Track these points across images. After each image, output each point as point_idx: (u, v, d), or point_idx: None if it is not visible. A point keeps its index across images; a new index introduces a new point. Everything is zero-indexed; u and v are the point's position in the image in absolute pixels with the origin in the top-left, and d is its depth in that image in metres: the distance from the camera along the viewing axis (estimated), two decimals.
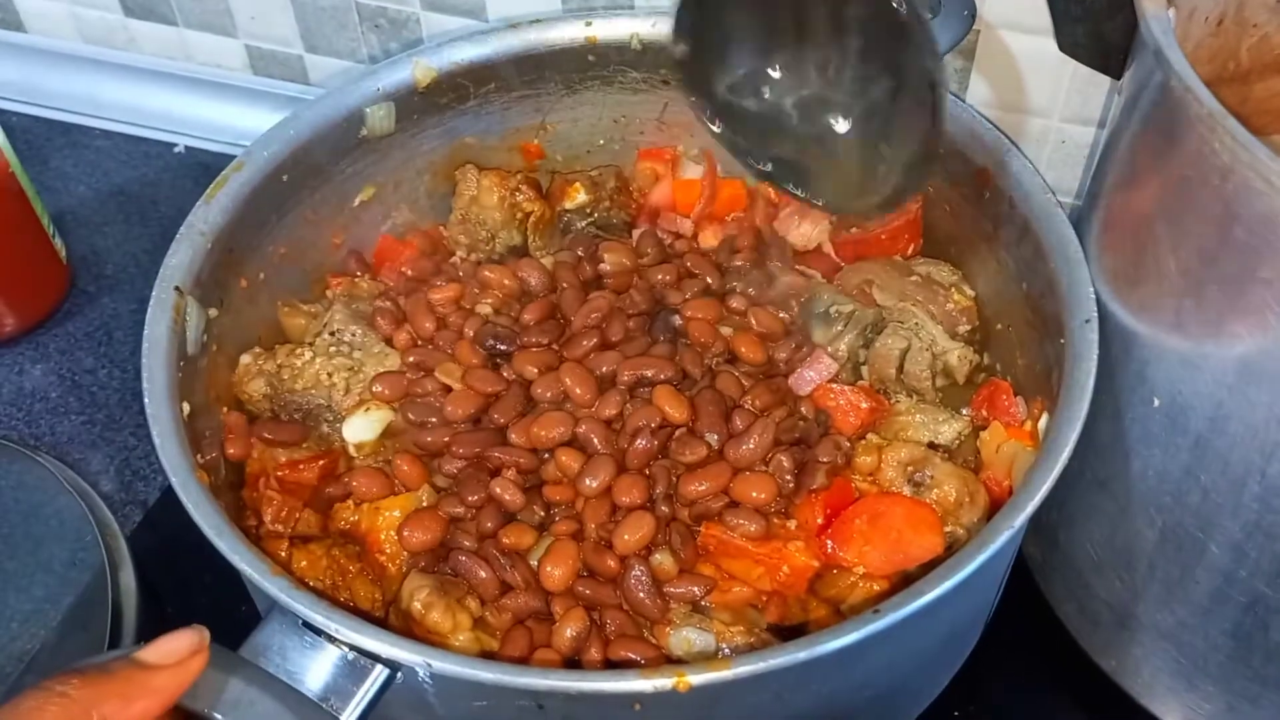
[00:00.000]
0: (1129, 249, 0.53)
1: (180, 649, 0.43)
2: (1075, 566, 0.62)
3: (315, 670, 0.47)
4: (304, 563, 0.56)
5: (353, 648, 0.47)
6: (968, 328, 0.64)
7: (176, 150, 0.94)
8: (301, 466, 0.60)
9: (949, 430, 0.60)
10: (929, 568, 0.50)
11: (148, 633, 0.66)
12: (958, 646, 0.61)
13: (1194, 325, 0.49)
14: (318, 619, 0.47)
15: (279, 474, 0.60)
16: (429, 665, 0.46)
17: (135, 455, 0.77)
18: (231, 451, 0.61)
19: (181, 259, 0.60)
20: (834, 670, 0.49)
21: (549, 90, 0.71)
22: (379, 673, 0.47)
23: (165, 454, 0.53)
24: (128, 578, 0.67)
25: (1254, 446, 0.49)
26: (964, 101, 0.64)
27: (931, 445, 0.60)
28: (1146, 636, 0.59)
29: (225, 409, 0.62)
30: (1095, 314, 0.53)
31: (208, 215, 0.62)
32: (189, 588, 0.69)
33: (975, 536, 0.49)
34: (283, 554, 0.57)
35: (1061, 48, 0.61)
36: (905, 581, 0.54)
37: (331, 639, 0.47)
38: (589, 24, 0.68)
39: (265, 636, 0.48)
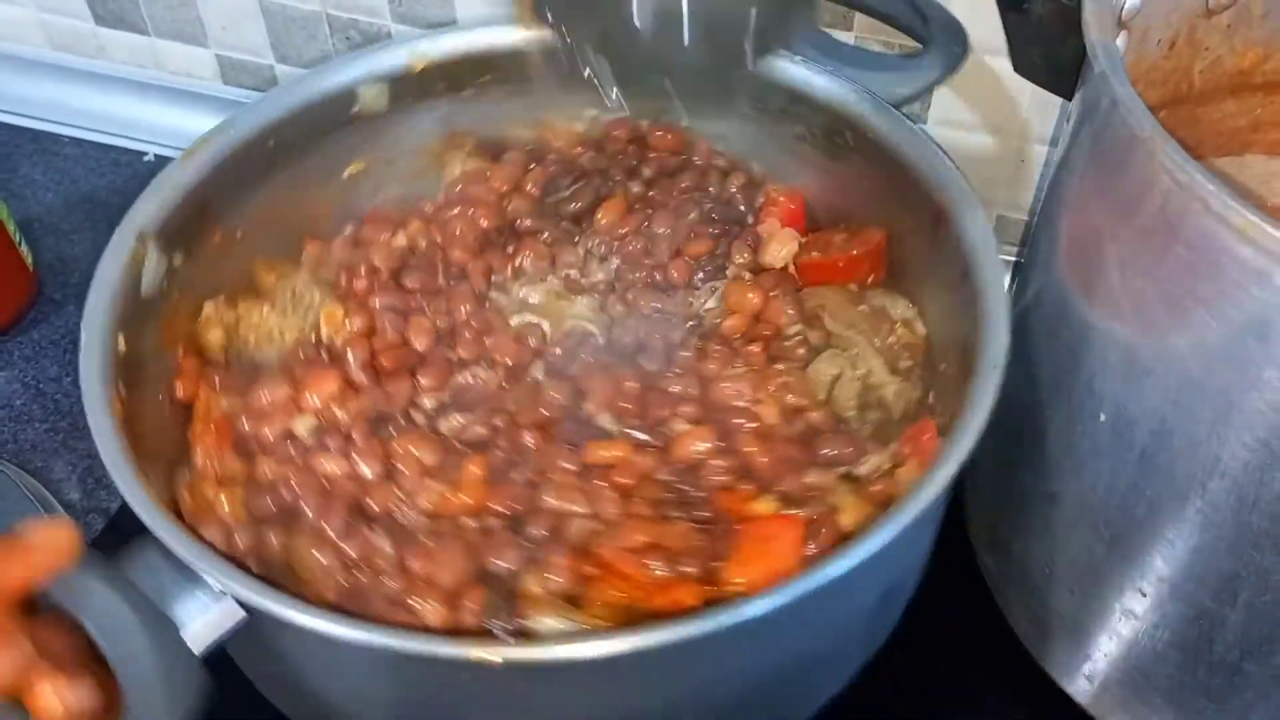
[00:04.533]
0: (1078, 266, 0.54)
1: (58, 536, 0.46)
2: (1027, 577, 0.63)
3: (181, 599, 0.49)
4: (226, 504, 0.57)
5: (211, 583, 0.49)
6: (909, 364, 0.63)
7: (146, 159, 0.94)
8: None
9: (867, 463, 0.59)
10: None
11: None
12: (809, 671, 0.59)
13: (1138, 341, 0.50)
14: (177, 550, 0.49)
15: (219, 418, 0.61)
16: (265, 606, 0.48)
17: (99, 464, 0.75)
18: (180, 392, 0.62)
19: (149, 207, 0.61)
20: (685, 663, 0.50)
21: (545, 87, 0.71)
22: (235, 612, 0.49)
23: (86, 383, 0.55)
24: None
25: (1196, 461, 0.50)
26: (928, 135, 0.63)
27: (849, 476, 0.58)
28: (1096, 647, 0.60)
29: (182, 351, 0.63)
30: (1003, 362, 0.53)
31: (184, 170, 0.63)
32: None
33: (812, 565, 0.49)
34: (210, 493, 0.58)
35: (1016, 68, 0.62)
36: None
37: (197, 572, 0.49)
38: None
39: (145, 557, 0.50)
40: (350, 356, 0.62)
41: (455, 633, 0.52)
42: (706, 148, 0.72)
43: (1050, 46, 0.59)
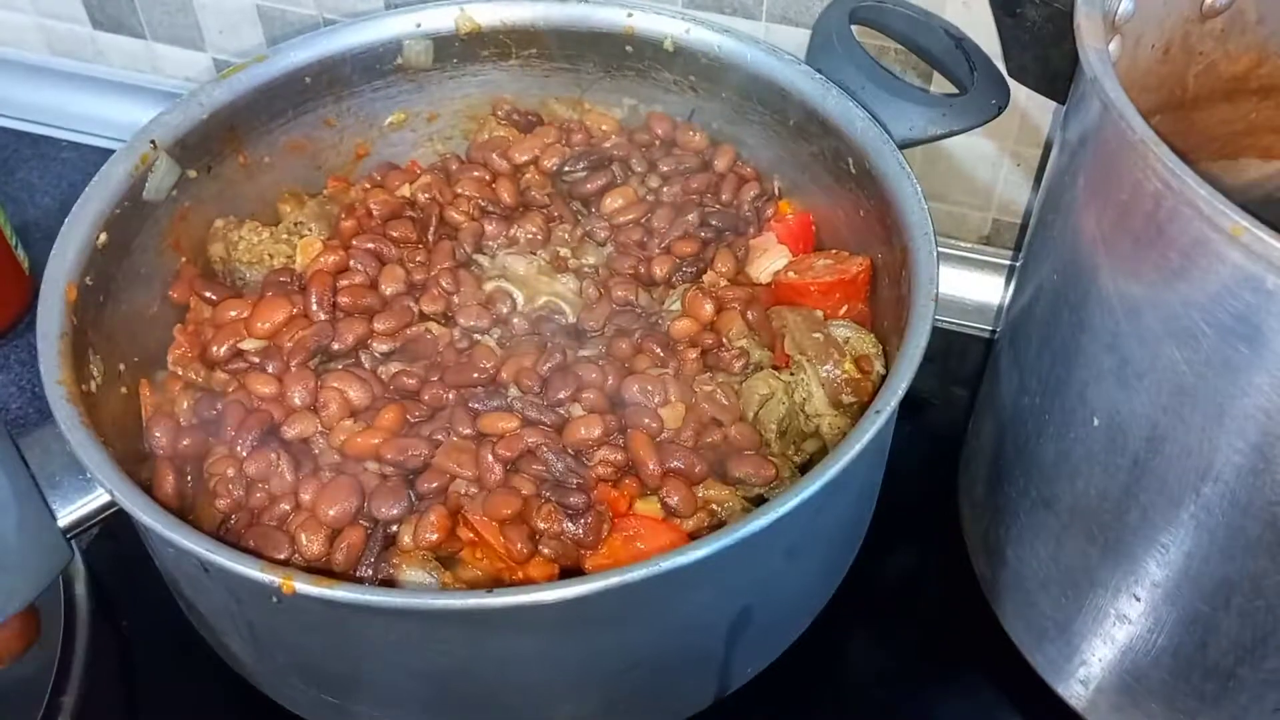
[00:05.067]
0: (1072, 268, 0.54)
1: None
2: (1022, 583, 0.63)
3: (60, 477, 0.52)
4: (185, 405, 0.61)
5: (82, 466, 0.51)
6: (852, 400, 0.62)
7: None
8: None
9: (780, 487, 0.58)
10: None
11: (101, 646, 0.66)
12: (661, 683, 0.58)
13: (1130, 346, 0.50)
14: (62, 428, 0.52)
15: (190, 327, 0.64)
16: (112, 494, 0.50)
17: None
18: (174, 295, 0.66)
19: (170, 120, 0.65)
20: (464, 635, 0.51)
21: (588, 70, 0.73)
22: (103, 498, 0.52)
23: (52, 263, 0.58)
24: (81, 590, 0.67)
25: (1189, 466, 0.50)
26: (913, 175, 0.62)
27: (760, 500, 0.58)
28: (1091, 653, 0.60)
29: (185, 259, 0.66)
30: (891, 408, 0.52)
31: (213, 92, 0.66)
32: (143, 601, 0.69)
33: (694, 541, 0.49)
34: (174, 393, 0.62)
35: (1010, 72, 0.62)
36: None
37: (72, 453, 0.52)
38: (630, 15, 0.71)
39: (43, 434, 0.53)
40: (312, 291, 0.63)
41: (326, 570, 0.54)
42: (730, 154, 0.72)
43: (1044, 51, 0.59)
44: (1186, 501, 0.51)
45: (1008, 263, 0.84)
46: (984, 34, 0.69)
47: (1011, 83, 0.64)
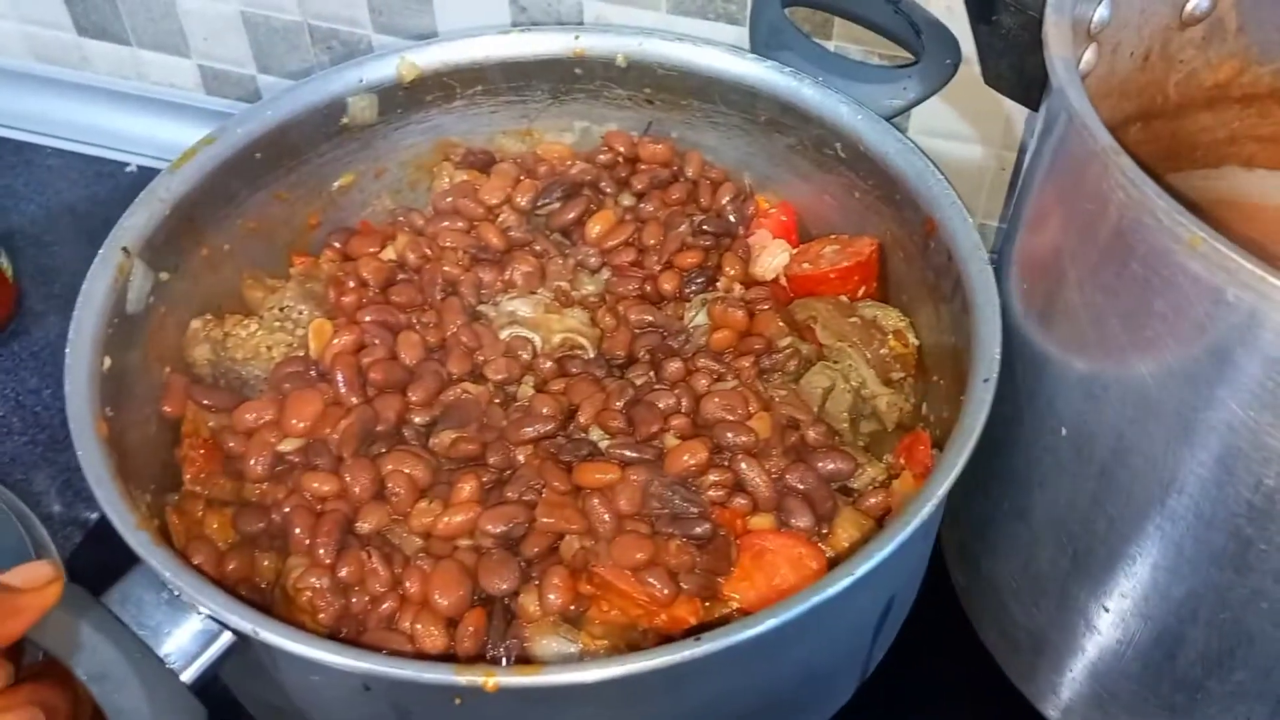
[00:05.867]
0: (1040, 278, 0.54)
1: (40, 576, 0.44)
2: (996, 593, 0.63)
3: (167, 626, 0.48)
4: (215, 525, 0.57)
5: (200, 609, 0.48)
6: (901, 375, 0.63)
7: (129, 170, 0.94)
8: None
9: (863, 475, 0.58)
10: None
11: None
12: (819, 686, 0.58)
13: (1096, 357, 0.50)
14: (166, 575, 0.48)
15: (207, 437, 0.60)
16: (256, 633, 0.47)
17: (78, 476, 0.75)
18: (167, 409, 0.61)
19: (136, 221, 0.61)
20: (669, 688, 0.49)
21: (536, 98, 0.72)
22: (225, 638, 0.48)
23: (72, 402, 0.54)
24: None
25: (1154, 478, 0.49)
26: (918, 148, 0.63)
27: (844, 490, 0.58)
28: (1063, 663, 0.60)
29: (169, 369, 0.62)
30: (995, 374, 0.52)
31: (170, 183, 0.63)
32: None
33: (798, 591, 0.48)
34: (199, 514, 0.58)
35: (986, 80, 0.62)
36: None
37: (183, 598, 0.48)
38: (577, 37, 0.69)
39: (128, 586, 0.49)
40: (339, 375, 0.60)
41: (452, 657, 0.52)
42: (698, 160, 0.72)
43: (1019, 59, 0.59)
44: (1152, 513, 0.50)
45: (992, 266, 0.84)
46: (965, 37, 0.69)
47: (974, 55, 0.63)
